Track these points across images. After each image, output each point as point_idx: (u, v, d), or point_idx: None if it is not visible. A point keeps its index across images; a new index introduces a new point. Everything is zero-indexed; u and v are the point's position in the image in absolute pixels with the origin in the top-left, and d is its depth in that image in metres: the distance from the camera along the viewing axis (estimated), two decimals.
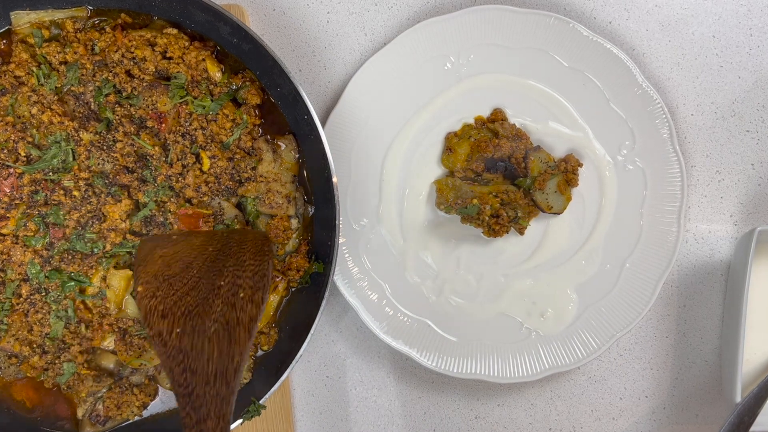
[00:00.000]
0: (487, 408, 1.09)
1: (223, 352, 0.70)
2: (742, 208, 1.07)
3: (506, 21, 1.01)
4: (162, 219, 0.92)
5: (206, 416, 0.67)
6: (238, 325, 0.72)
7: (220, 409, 0.67)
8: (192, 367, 0.69)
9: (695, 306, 1.08)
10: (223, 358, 0.70)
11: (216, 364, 0.69)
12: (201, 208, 0.93)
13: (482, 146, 1.01)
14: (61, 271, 0.92)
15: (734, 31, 1.05)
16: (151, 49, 0.91)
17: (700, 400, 1.09)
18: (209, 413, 0.67)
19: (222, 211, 0.93)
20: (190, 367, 0.69)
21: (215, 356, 0.70)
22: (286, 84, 0.90)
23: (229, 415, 0.68)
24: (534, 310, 1.04)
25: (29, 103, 0.90)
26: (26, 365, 0.94)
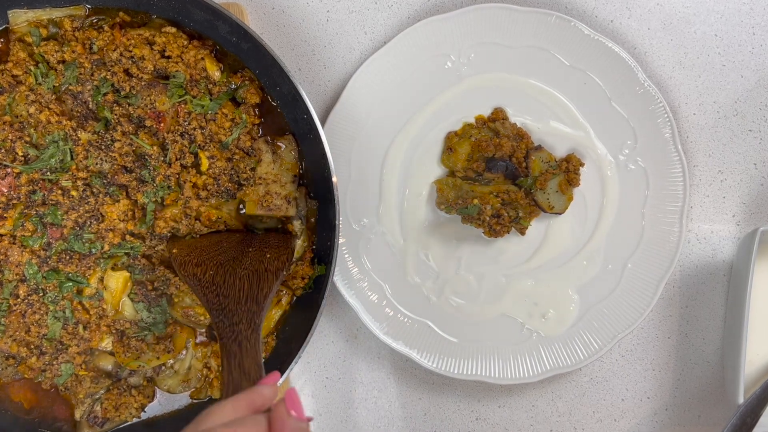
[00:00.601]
0: (488, 409, 1.09)
1: (253, 285, 0.81)
2: (744, 208, 1.07)
3: (507, 19, 1.00)
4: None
5: (239, 321, 0.76)
6: (267, 272, 0.83)
7: (250, 318, 0.76)
8: (225, 293, 0.80)
9: (697, 307, 1.08)
10: (253, 288, 0.80)
11: (247, 292, 0.80)
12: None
13: (483, 146, 1.01)
14: (59, 272, 0.92)
15: (737, 30, 1.05)
16: (149, 48, 0.91)
17: (702, 401, 1.08)
18: (241, 319, 0.76)
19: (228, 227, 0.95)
20: (223, 293, 0.80)
21: (246, 287, 0.80)
22: (285, 83, 0.90)
23: (260, 324, 0.76)
24: (535, 310, 1.04)
25: (27, 103, 0.90)
26: (24, 366, 0.94)
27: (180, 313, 0.94)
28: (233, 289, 0.80)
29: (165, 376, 0.97)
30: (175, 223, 0.92)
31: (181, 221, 0.92)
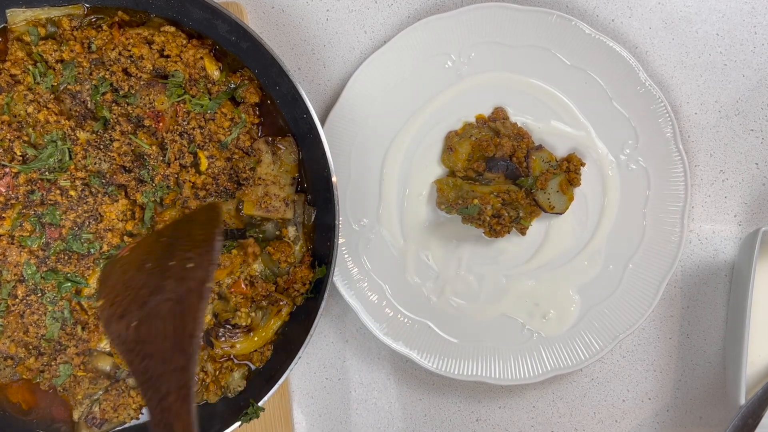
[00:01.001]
0: (489, 410, 1.09)
1: (177, 326, 0.69)
2: (746, 208, 1.06)
3: (508, 19, 1.00)
4: None
5: (167, 392, 0.66)
6: (189, 293, 0.70)
7: (180, 381, 0.66)
8: (149, 351, 0.68)
9: (699, 307, 1.07)
10: (177, 331, 0.68)
11: (172, 340, 0.68)
12: None
13: (483, 145, 1.01)
14: (58, 272, 0.91)
15: (738, 29, 1.04)
16: (148, 47, 0.90)
17: (703, 402, 1.08)
18: (169, 389, 0.66)
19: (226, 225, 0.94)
20: (148, 352, 0.68)
21: (170, 332, 0.69)
22: (285, 83, 0.90)
23: (190, 382, 0.66)
24: (536, 311, 1.04)
25: (25, 102, 0.89)
26: (22, 367, 0.94)
27: None
28: (157, 341, 0.69)
29: None
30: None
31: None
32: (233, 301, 0.94)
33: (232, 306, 0.94)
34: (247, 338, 0.95)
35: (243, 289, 0.94)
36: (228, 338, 0.94)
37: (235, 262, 0.92)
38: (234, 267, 0.92)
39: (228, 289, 0.94)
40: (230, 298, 0.94)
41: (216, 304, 0.94)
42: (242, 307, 0.94)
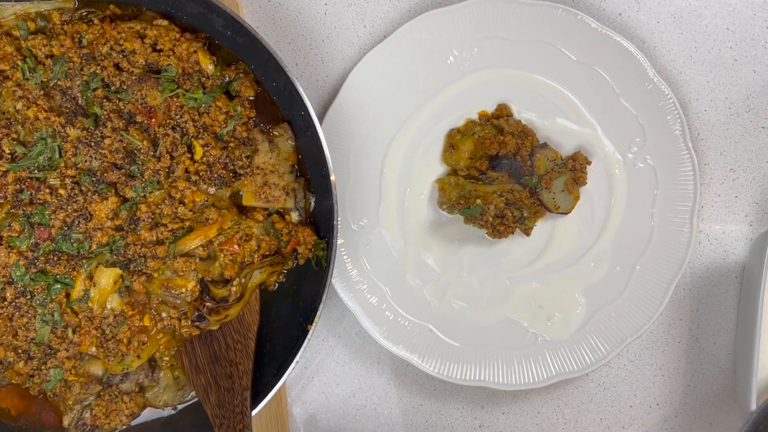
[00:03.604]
0: (492, 416, 1.08)
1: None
2: (757, 207, 1.06)
3: (512, 13, 1.00)
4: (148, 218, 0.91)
5: None
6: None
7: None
8: None
9: (708, 310, 1.07)
10: None
11: None
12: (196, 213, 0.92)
13: (486, 143, 1.00)
14: (47, 274, 0.91)
15: (749, 24, 1.04)
16: (140, 42, 0.90)
17: (713, 407, 1.08)
18: None
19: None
20: None
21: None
22: (281, 78, 0.89)
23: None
24: (540, 314, 1.03)
25: (14, 98, 0.89)
26: (11, 371, 0.93)
27: (159, 286, 0.93)
28: None
29: (156, 393, 0.97)
30: (156, 207, 0.91)
31: (163, 203, 0.91)
32: (221, 259, 0.93)
33: (217, 266, 0.93)
34: (238, 304, 0.95)
35: (234, 249, 0.93)
36: (223, 310, 0.94)
37: (225, 217, 0.91)
38: (224, 222, 0.92)
39: (219, 247, 0.93)
40: (218, 257, 0.93)
41: (199, 265, 0.93)
42: (232, 274, 0.93)
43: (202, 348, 0.95)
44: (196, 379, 0.93)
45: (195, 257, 0.93)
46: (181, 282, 0.92)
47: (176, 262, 0.92)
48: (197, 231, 0.92)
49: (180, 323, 0.94)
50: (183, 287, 0.92)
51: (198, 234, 0.92)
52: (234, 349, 0.94)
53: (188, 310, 0.95)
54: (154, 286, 0.93)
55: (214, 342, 0.95)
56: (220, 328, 0.95)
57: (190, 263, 0.92)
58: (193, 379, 0.93)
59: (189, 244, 0.92)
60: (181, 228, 0.92)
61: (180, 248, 0.92)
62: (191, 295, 0.93)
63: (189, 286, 0.92)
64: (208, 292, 0.93)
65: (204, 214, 0.92)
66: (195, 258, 0.93)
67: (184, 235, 0.92)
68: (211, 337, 0.95)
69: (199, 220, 0.92)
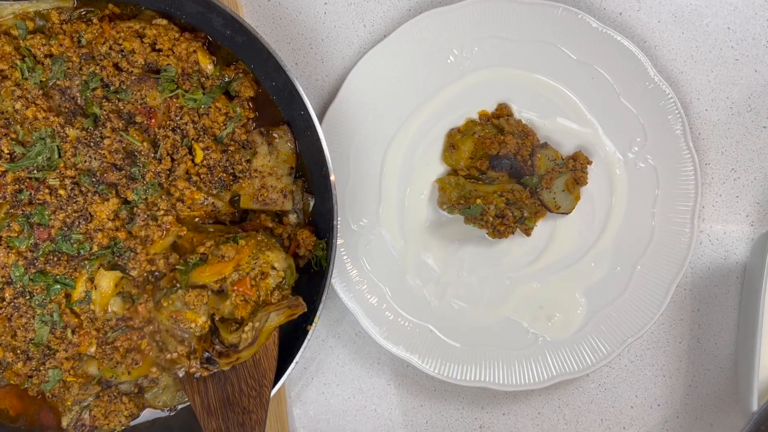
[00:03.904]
0: (492, 417, 1.08)
1: None
2: (758, 207, 1.05)
3: (512, 12, 0.99)
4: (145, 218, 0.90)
5: None
6: None
7: None
8: None
9: (709, 310, 1.07)
10: None
11: None
12: (195, 211, 0.92)
13: (486, 143, 1.00)
14: (47, 274, 0.90)
15: (750, 23, 1.03)
16: (139, 41, 0.90)
17: (714, 408, 1.08)
18: None
19: (216, 209, 0.92)
20: None
21: None
22: (281, 78, 0.89)
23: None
24: (541, 314, 1.03)
25: (13, 98, 0.89)
26: (10, 372, 0.93)
27: (167, 317, 0.90)
28: None
29: (155, 394, 0.96)
30: (154, 206, 0.90)
31: (161, 200, 0.90)
32: (233, 299, 0.88)
33: (228, 305, 0.88)
34: (251, 348, 0.89)
35: (247, 289, 0.88)
36: (233, 353, 0.89)
37: (242, 253, 0.87)
38: (241, 259, 0.87)
39: (231, 286, 0.87)
40: (230, 295, 0.88)
41: (210, 300, 0.88)
42: (244, 315, 0.87)
43: (215, 389, 0.90)
44: (207, 423, 0.88)
45: (207, 290, 0.88)
46: (191, 316, 0.88)
47: (188, 294, 0.87)
48: (212, 266, 0.87)
49: (189, 362, 0.89)
50: (192, 322, 0.88)
51: (213, 270, 0.87)
52: (248, 395, 0.88)
53: (197, 348, 0.89)
54: (163, 317, 0.89)
55: (228, 384, 0.90)
56: (234, 369, 0.90)
57: (203, 297, 0.87)
58: (204, 421, 0.89)
59: (203, 278, 0.87)
60: (197, 256, 0.88)
61: (193, 280, 0.88)
62: (200, 331, 0.88)
63: (199, 322, 0.87)
64: (218, 335, 0.88)
65: (220, 250, 0.87)
66: (207, 291, 0.88)
67: (198, 264, 0.88)
68: (224, 378, 0.90)
69: (215, 254, 0.87)
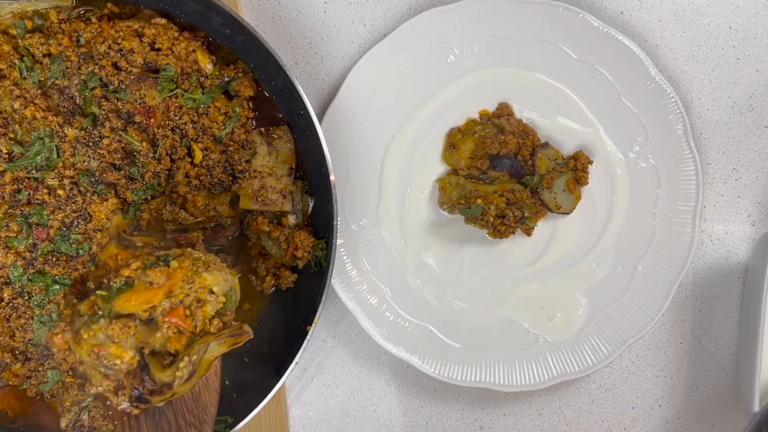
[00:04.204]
0: (493, 418, 1.08)
1: None
2: (760, 207, 1.05)
3: (513, 11, 0.99)
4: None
5: None
6: None
7: None
8: None
9: (711, 310, 1.06)
10: None
11: None
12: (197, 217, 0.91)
13: (487, 143, 1.00)
14: (45, 274, 0.90)
15: (752, 22, 1.03)
16: (138, 41, 0.90)
17: (716, 409, 1.07)
18: None
19: (218, 214, 0.92)
20: None
21: None
22: (281, 77, 0.89)
23: None
24: (541, 314, 1.03)
25: (11, 98, 0.88)
26: (8, 373, 0.93)
27: (88, 352, 0.75)
28: None
29: None
30: (158, 214, 0.91)
31: (164, 208, 0.90)
32: (164, 331, 0.74)
33: (159, 338, 0.74)
34: (189, 382, 0.76)
35: (181, 319, 0.74)
36: (168, 390, 0.76)
37: (174, 278, 0.74)
38: (173, 284, 0.74)
39: (162, 316, 0.74)
40: (161, 327, 0.74)
41: (138, 333, 0.75)
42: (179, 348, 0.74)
43: (149, 426, 0.78)
44: None
45: (135, 319, 0.75)
46: (116, 351, 0.74)
47: (111, 327, 0.74)
48: (139, 293, 0.74)
49: (117, 398, 0.76)
50: (117, 358, 0.74)
51: (140, 298, 0.74)
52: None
53: (125, 384, 0.76)
54: (82, 351, 0.75)
55: (164, 421, 0.78)
56: (171, 403, 0.78)
57: (129, 329, 0.74)
58: None
59: (128, 307, 0.74)
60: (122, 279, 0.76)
61: (117, 309, 0.75)
62: (128, 367, 0.75)
63: (125, 358, 0.74)
64: (149, 372, 0.74)
65: (148, 276, 0.75)
66: (135, 321, 0.75)
67: (123, 289, 0.75)
68: (159, 413, 0.78)
69: (142, 279, 0.75)
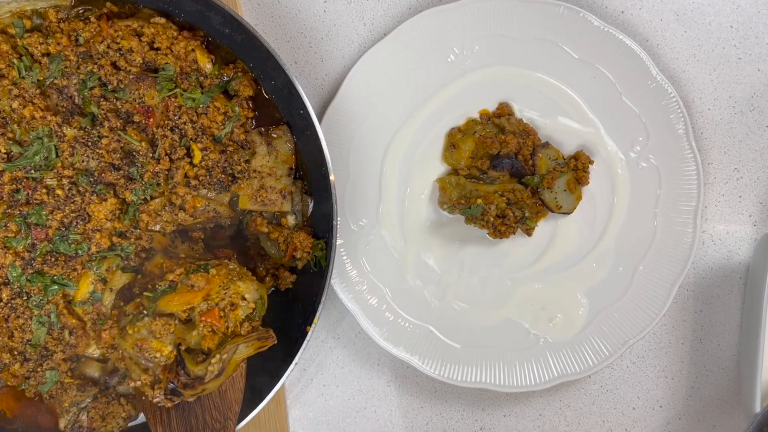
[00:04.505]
0: (493, 419, 1.08)
1: None
2: (761, 207, 1.05)
3: (513, 10, 0.99)
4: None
5: None
6: None
7: None
8: None
9: (712, 311, 1.06)
10: None
11: None
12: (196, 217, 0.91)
13: (487, 142, 0.99)
14: (44, 275, 0.90)
15: (753, 21, 1.03)
16: (137, 40, 0.89)
17: (717, 410, 1.07)
18: None
19: (218, 215, 0.92)
20: None
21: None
22: (280, 77, 0.89)
23: None
24: (542, 315, 1.03)
25: (10, 97, 0.88)
26: (7, 373, 0.92)
27: (132, 345, 0.85)
28: None
29: None
30: (158, 216, 0.90)
31: (164, 210, 0.90)
32: (200, 329, 0.84)
33: (195, 336, 0.84)
34: (218, 380, 0.85)
35: (216, 320, 0.84)
36: (199, 385, 0.85)
37: (212, 283, 0.84)
38: (211, 289, 0.84)
39: (199, 316, 0.84)
40: (198, 326, 0.84)
41: (177, 329, 0.84)
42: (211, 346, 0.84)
43: (179, 420, 0.87)
44: None
45: (174, 319, 0.85)
46: (157, 345, 0.83)
47: (154, 323, 0.83)
48: (181, 295, 0.84)
49: (153, 392, 0.85)
50: (158, 351, 0.83)
51: (182, 299, 0.84)
52: (212, 428, 0.86)
53: (162, 379, 0.85)
54: (127, 344, 0.85)
55: (192, 416, 0.87)
56: (199, 400, 0.87)
57: (169, 326, 0.84)
58: None
59: (171, 306, 0.84)
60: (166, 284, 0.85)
61: (160, 308, 0.85)
62: (166, 361, 0.84)
63: (165, 351, 0.83)
64: (184, 366, 0.83)
65: (190, 279, 0.85)
66: (174, 320, 0.84)
67: (167, 292, 0.85)
68: (188, 409, 0.87)
69: (184, 282, 0.85)
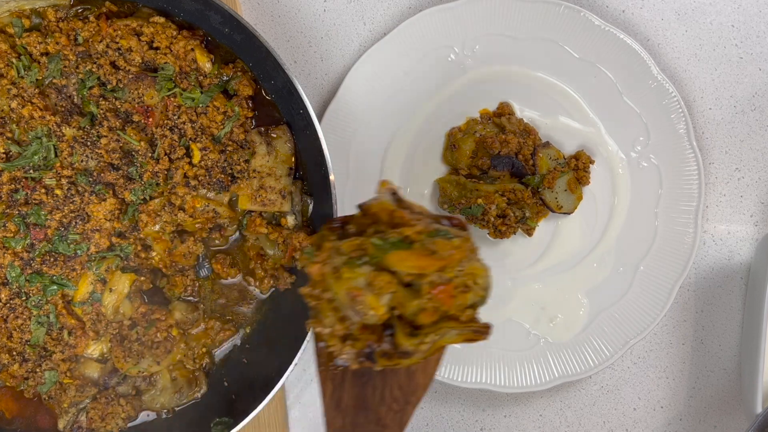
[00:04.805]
0: (494, 419, 1.08)
1: None
2: (763, 207, 1.05)
3: (514, 10, 0.99)
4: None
5: None
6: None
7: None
8: None
9: (713, 311, 1.06)
10: None
11: None
12: (201, 217, 0.91)
13: (488, 142, 0.99)
14: (43, 275, 0.90)
15: (755, 21, 1.03)
16: (137, 39, 0.89)
17: (718, 410, 1.07)
18: None
19: (217, 215, 0.92)
20: None
21: None
22: (280, 76, 0.88)
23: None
24: (543, 315, 1.02)
25: (8, 97, 0.88)
26: (5, 374, 0.92)
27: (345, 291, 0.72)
28: None
29: (153, 396, 0.95)
30: (157, 216, 0.90)
31: (163, 210, 0.90)
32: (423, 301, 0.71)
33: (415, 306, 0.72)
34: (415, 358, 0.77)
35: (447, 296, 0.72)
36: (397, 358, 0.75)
37: (453, 257, 0.71)
38: (450, 262, 0.71)
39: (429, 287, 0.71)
40: (422, 296, 0.72)
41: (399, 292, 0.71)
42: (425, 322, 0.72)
43: (353, 384, 0.77)
44: (332, 416, 0.76)
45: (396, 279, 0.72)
46: (373, 302, 0.71)
47: (379, 277, 0.71)
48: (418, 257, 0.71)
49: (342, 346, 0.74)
50: (372, 309, 0.71)
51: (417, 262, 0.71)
52: (389, 407, 0.76)
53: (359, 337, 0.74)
54: (340, 288, 0.72)
55: (369, 386, 0.77)
56: (383, 372, 0.77)
57: (392, 284, 0.72)
58: (329, 414, 0.76)
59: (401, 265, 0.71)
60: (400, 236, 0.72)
61: (387, 262, 0.72)
62: (374, 321, 0.72)
63: (380, 311, 0.71)
64: (393, 334, 0.74)
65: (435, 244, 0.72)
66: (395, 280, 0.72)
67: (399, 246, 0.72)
68: (367, 377, 0.77)
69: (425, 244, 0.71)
